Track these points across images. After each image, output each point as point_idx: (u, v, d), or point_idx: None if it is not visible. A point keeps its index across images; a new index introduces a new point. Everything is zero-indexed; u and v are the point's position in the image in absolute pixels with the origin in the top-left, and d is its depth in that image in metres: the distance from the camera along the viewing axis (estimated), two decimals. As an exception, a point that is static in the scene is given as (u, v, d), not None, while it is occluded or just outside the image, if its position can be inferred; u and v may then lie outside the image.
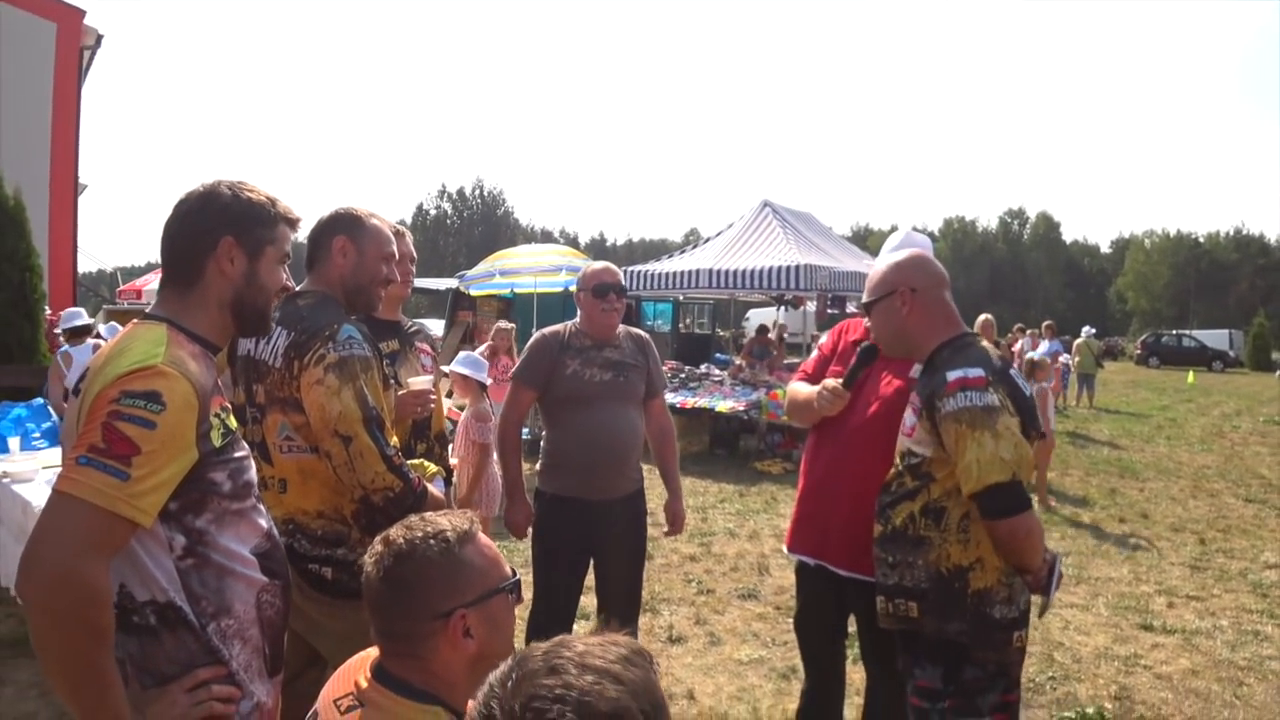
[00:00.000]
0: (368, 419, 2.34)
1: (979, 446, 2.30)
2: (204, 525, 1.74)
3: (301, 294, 2.56)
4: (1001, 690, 2.49)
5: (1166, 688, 4.64)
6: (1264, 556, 7.38)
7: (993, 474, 2.29)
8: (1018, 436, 2.33)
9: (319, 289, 2.61)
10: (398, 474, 2.40)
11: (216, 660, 1.76)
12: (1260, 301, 68.41)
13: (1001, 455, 2.29)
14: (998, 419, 2.32)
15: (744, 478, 10.03)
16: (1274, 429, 16.56)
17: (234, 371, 2.61)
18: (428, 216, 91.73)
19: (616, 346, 3.71)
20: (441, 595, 1.52)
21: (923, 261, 2.72)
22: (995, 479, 2.29)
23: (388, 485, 2.38)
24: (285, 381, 2.40)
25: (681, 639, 5.09)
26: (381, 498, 2.39)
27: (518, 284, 13.48)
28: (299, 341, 2.39)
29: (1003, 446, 2.29)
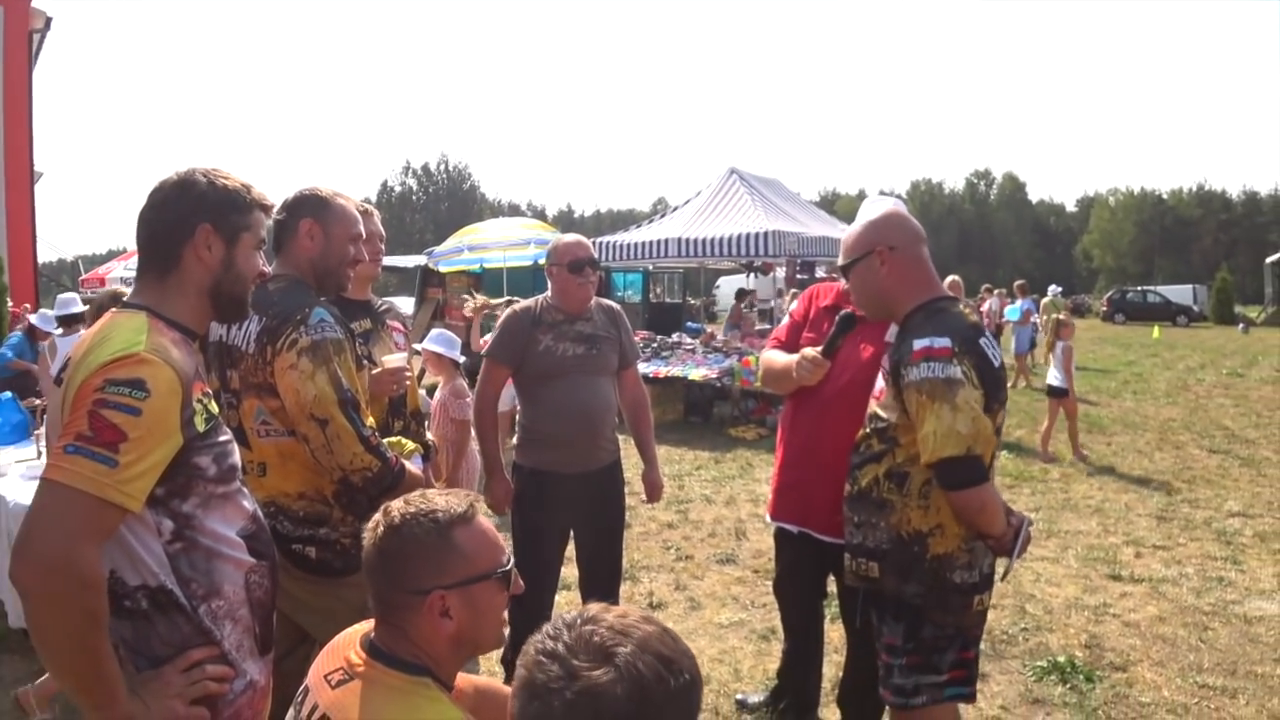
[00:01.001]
0: (343, 401, 2.36)
1: (937, 419, 2.31)
2: (191, 509, 1.77)
3: (271, 278, 2.55)
4: (959, 648, 2.55)
5: (1134, 635, 4.77)
6: (1227, 505, 7.56)
7: (948, 447, 2.30)
8: (976, 411, 2.33)
9: (288, 272, 2.62)
10: (375, 454, 2.43)
11: (209, 641, 1.79)
12: (1223, 256, 69.42)
13: (958, 429, 2.29)
14: (958, 392, 2.31)
15: (719, 444, 10.11)
16: (1237, 381, 16.87)
17: (207, 358, 2.60)
18: (393, 193, 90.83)
19: (588, 319, 3.72)
20: (422, 573, 1.56)
21: (900, 218, 2.68)
22: (950, 452, 2.30)
23: (366, 465, 2.41)
24: (259, 367, 2.42)
25: (662, 605, 5.16)
26: (360, 478, 2.42)
27: (486, 259, 13.45)
28: (270, 327, 2.40)
29: (960, 420, 2.30)
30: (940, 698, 2.53)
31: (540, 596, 3.82)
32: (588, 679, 1.13)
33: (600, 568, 3.85)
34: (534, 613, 3.77)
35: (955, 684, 2.54)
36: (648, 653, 1.16)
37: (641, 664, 1.14)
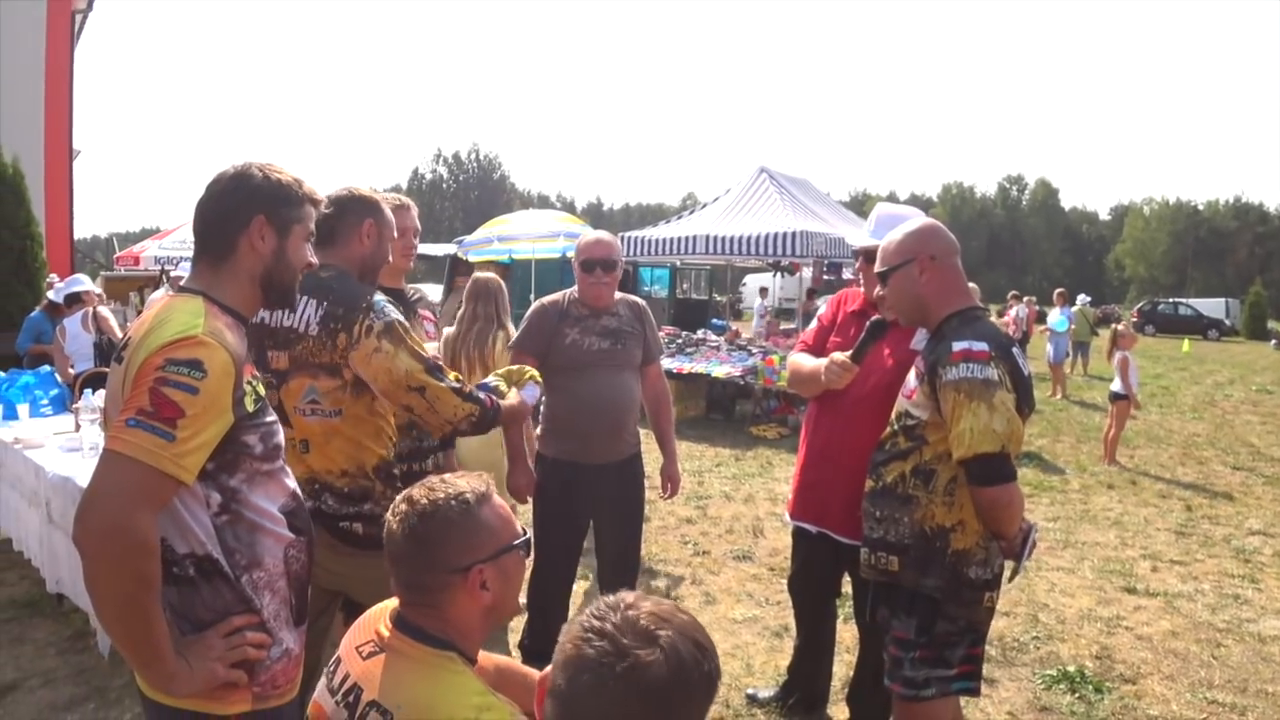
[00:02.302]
0: (429, 368, 2.56)
1: (974, 416, 2.41)
2: (237, 484, 1.87)
3: (320, 267, 2.62)
4: (969, 644, 2.64)
5: (1146, 648, 4.79)
6: (1248, 523, 7.54)
7: (984, 444, 2.40)
8: (1011, 412, 2.44)
9: (336, 264, 2.72)
10: (471, 400, 2.63)
11: (249, 609, 1.89)
12: (1258, 270, 68.49)
13: (994, 427, 2.40)
14: (995, 393, 2.42)
15: (740, 442, 10.16)
16: (1265, 398, 16.71)
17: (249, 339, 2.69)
18: (423, 181, 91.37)
19: (614, 315, 3.79)
20: (461, 551, 1.66)
21: (939, 230, 2.79)
22: (986, 449, 2.40)
23: (469, 413, 2.63)
24: (324, 349, 2.56)
25: (677, 599, 5.23)
26: (467, 424, 2.64)
27: (516, 250, 13.53)
28: (337, 314, 2.55)
29: (996, 419, 2.40)
30: (949, 691, 2.64)
31: (559, 585, 3.91)
32: (636, 656, 1.24)
33: (619, 559, 3.92)
34: (553, 600, 3.88)
35: (963, 678, 2.64)
36: (687, 639, 1.28)
37: (682, 647, 1.26)
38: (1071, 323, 16.45)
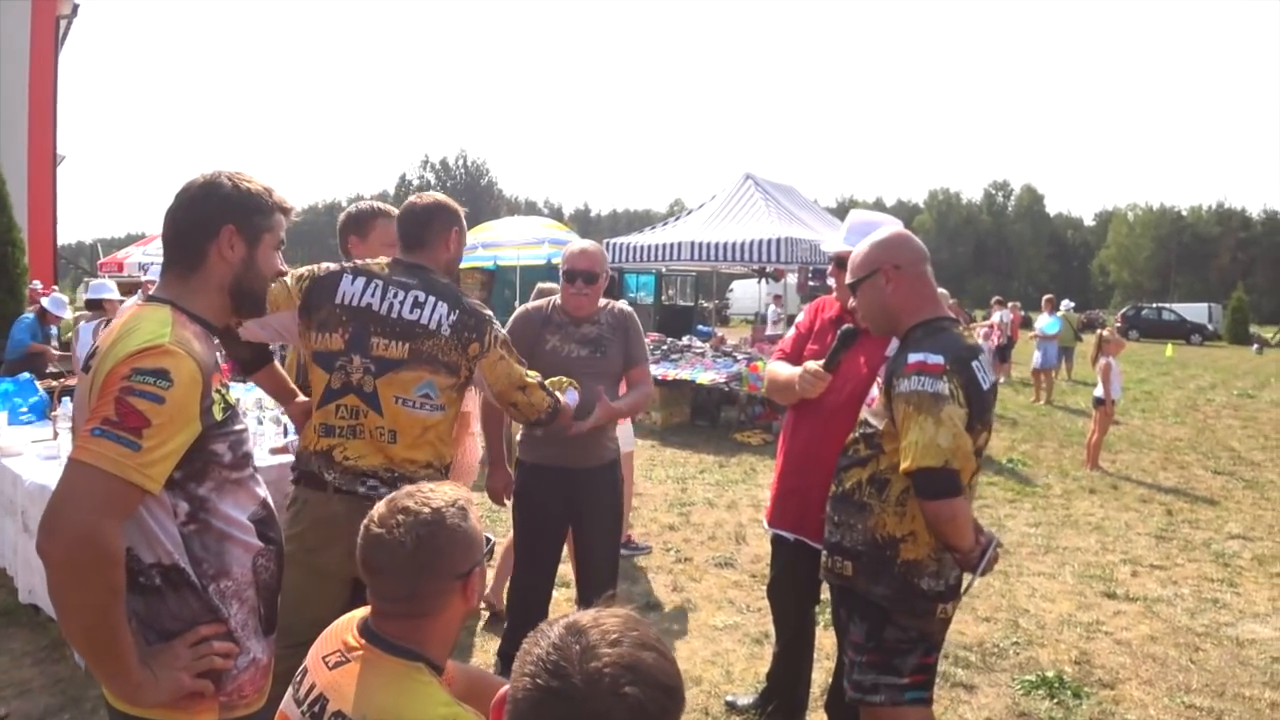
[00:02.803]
0: (528, 369, 3.01)
1: (920, 430, 2.40)
2: (206, 493, 1.86)
3: (424, 267, 2.87)
4: (921, 654, 2.63)
5: (1125, 653, 4.81)
6: (1228, 527, 7.59)
7: (927, 458, 2.38)
8: (958, 427, 2.42)
9: (430, 265, 2.89)
10: (549, 395, 3.07)
11: (217, 619, 1.88)
12: (1241, 275, 69.01)
13: (939, 442, 2.38)
14: (944, 407, 2.41)
15: (724, 449, 10.17)
16: (1247, 402, 16.83)
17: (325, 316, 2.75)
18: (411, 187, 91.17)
19: (595, 323, 3.80)
20: (463, 558, 1.71)
21: (906, 238, 2.78)
22: (928, 463, 2.39)
23: (549, 405, 3.06)
24: (453, 350, 2.77)
25: (658, 606, 5.23)
26: (547, 415, 3.06)
27: (501, 256, 13.54)
28: (470, 324, 2.80)
29: (942, 434, 2.39)
30: (900, 700, 2.61)
31: (539, 590, 3.91)
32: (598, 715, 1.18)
33: (598, 565, 3.91)
34: (533, 606, 3.88)
35: (916, 688, 2.63)
36: (653, 688, 1.21)
37: (648, 702, 1.20)
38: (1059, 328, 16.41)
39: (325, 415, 2.74)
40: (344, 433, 2.72)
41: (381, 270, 2.84)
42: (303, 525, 2.77)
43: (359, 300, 2.75)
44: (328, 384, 2.74)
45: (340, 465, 2.71)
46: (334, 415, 2.73)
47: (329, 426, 2.73)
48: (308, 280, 2.80)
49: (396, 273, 2.83)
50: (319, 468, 2.74)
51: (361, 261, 2.92)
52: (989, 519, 7.42)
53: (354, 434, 2.71)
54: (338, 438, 2.72)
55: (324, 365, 2.74)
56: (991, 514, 7.64)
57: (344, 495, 2.70)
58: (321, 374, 2.75)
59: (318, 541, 2.72)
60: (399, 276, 2.82)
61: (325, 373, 2.74)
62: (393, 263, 2.89)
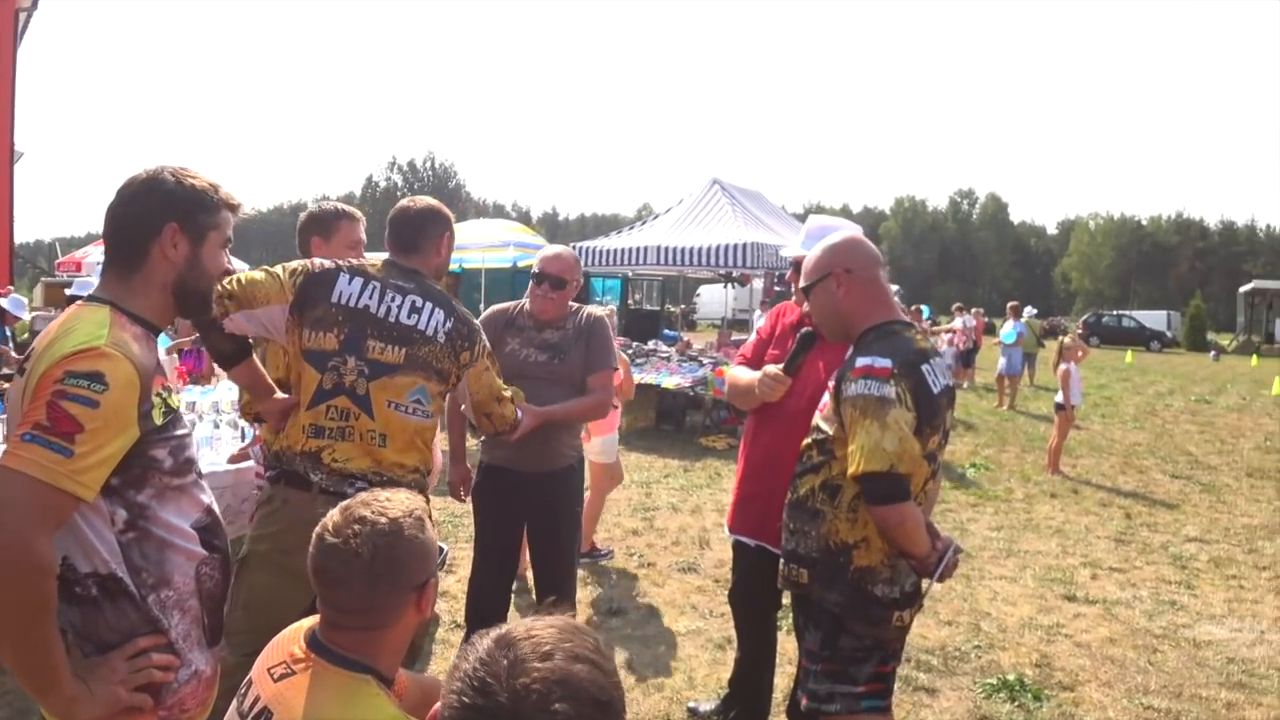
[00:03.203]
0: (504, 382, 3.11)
1: (866, 434, 2.38)
2: (145, 500, 1.80)
3: (419, 272, 2.88)
4: (877, 662, 2.59)
5: (1085, 655, 4.84)
6: (1185, 530, 7.68)
7: (873, 462, 2.36)
8: (905, 431, 2.39)
9: (424, 271, 2.91)
10: (516, 406, 3.18)
11: (156, 630, 1.82)
12: (1198, 283, 70.28)
13: (884, 446, 2.36)
14: (889, 411, 2.38)
15: (689, 453, 10.16)
16: (1204, 407, 17.10)
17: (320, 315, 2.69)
18: (378, 188, 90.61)
19: (559, 329, 3.78)
20: (420, 568, 1.65)
21: (857, 243, 2.77)
22: (874, 467, 2.36)
23: (515, 417, 3.17)
24: (445, 357, 2.80)
25: (621, 611, 5.19)
26: (512, 426, 3.16)
27: (466, 260, 13.44)
28: (463, 332, 2.83)
29: (888, 438, 2.36)
30: (856, 708, 2.58)
31: (495, 595, 3.88)
32: None
33: (554, 568, 3.89)
34: (489, 611, 3.83)
35: (872, 696, 2.59)
36: (584, 704, 1.14)
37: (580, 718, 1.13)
38: (1024, 336, 16.52)
39: (315, 416, 2.68)
40: (333, 434, 2.67)
41: (378, 272, 2.80)
42: (280, 525, 2.71)
43: (356, 301, 2.71)
44: (319, 384, 2.68)
45: (328, 467, 2.67)
46: (324, 416, 2.68)
47: (319, 427, 2.68)
48: (302, 275, 2.73)
49: (393, 275, 2.81)
50: (305, 468, 2.68)
51: (358, 261, 2.88)
52: (951, 523, 7.46)
53: (343, 436, 2.67)
54: (327, 439, 2.67)
55: (316, 364, 2.68)
56: (954, 518, 7.68)
57: (329, 496, 2.63)
58: (313, 373, 2.69)
59: (295, 543, 2.62)
60: (396, 280, 2.79)
61: (317, 372, 2.68)
62: (388, 265, 2.86)
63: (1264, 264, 76.19)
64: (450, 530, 6.45)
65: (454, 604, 5.02)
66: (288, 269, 2.75)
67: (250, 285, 2.65)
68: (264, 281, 2.67)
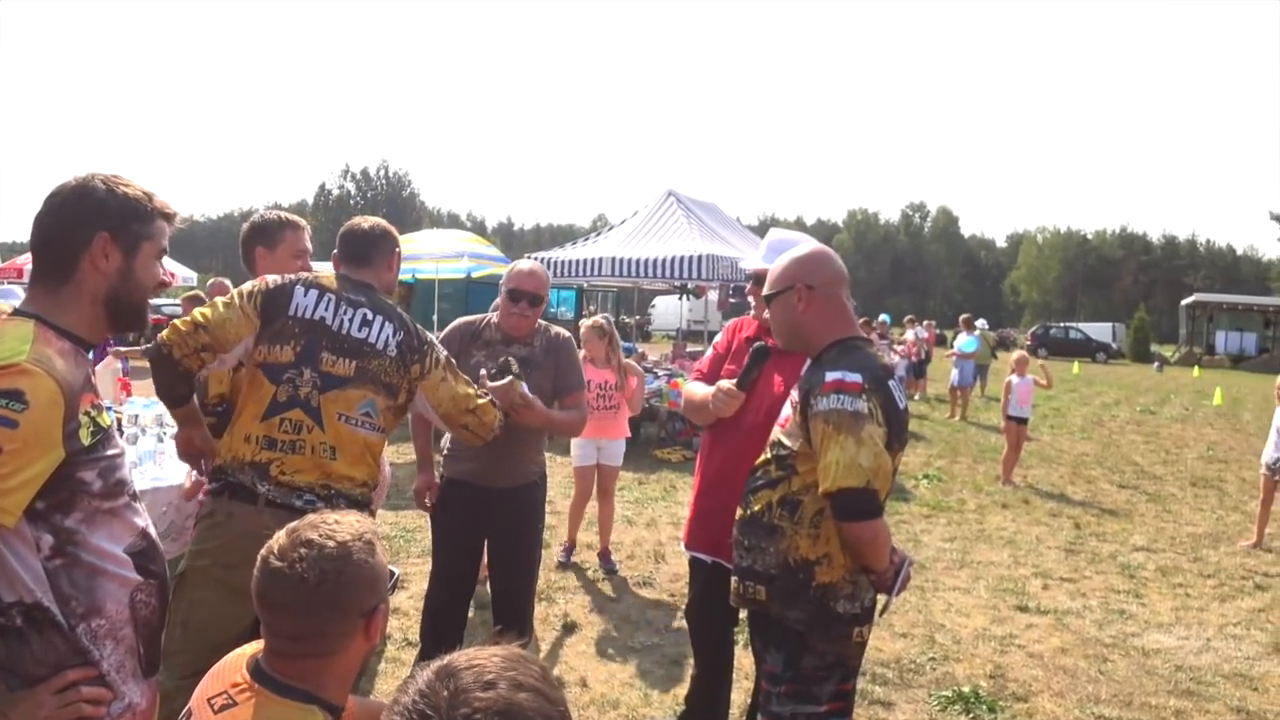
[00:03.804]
0: (476, 391, 3.01)
1: (840, 449, 2.34)
2: (74, 524, 1.71)
3: (371, 286, 2.89)
4: (839, 679, 2.57)
5: (1038, 666, 4.88)
6: (1133, 539, 7.81)
7: (849, 478, 2.33)
8: (879, 447, 2.38)
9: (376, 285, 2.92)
10: (497, 408, 3.08)
11: (86, 662, 1.73)
12: (1142, 296, 71.94)
13: (860, 462, 2.33)
14: (864, 426, 2.36)
15: (644, 465, 10.11)
16: (1149, 418, 17.46)
17: (279, 328, 2.69)
18: (330, 197, 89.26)
19: (527, 345, 3.76)
20: (368, 594, 1.59)
21: (824, 257, 2.74)
22: (850, 483, 2.33)
23: (498, 419, 3.08)
24: (397, 371, 2.79)
25: (576, 627, 5.13)
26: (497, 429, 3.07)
27: (419, 270, 13.28)
28: (413, 345, 2.83)
29: (863, 454, 2.33)
30: None
31: (451, 612, 3.81)
32: None
33: (512, 585, 3.83)
34: (444, 629, 3.76)
35: (835, 715, 2.56)
36: None
37: None
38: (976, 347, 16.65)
39: (269, 428, 2.67)
40: (285, 447, 2.65)
41: (333, 285, 2.80)
42: (222, 539, 2.65)
43: (313, 314, 2.72)
44: (274, 396, 2.66)
45: (275, 479, 2.64)
46: (277, 429, 2.66)
47: (271, 439, 2.66)
48: (260, 296, 2.73)
49: (347, 289, 2.81)
50: (251, 479, 2.64)
51: (312, 275, 2.89)
52: (905, 534, 7.50)
53: (295, 449, 2.66)
54: (279, 451, 2.65)
55: (271, 377, 2.68)
56: (908, 529, 7.72)
57: (276, 509, 2.61)
58: (269, 386, 2.67)
59: (238, 557, 2.55)
60: (349, 293, 2.80)
61: (272, 385, 2.67)
62: (341, 278, 2.86)
63: (1204, 277, 78.39)
64: (403, 545, 6.35)
65: (405, 621, 4.92)
66: (244, 294, 2.74)
67: (220, 328, 2.65)
68: (231, 319, 2.66)
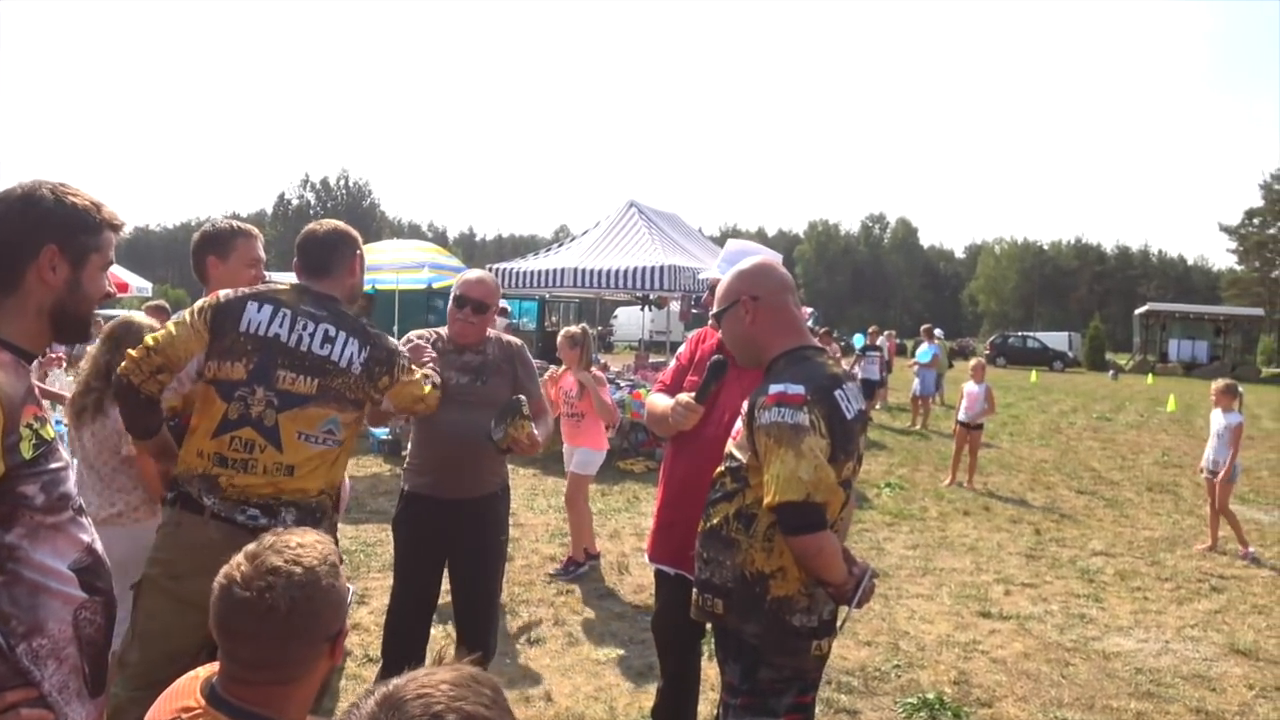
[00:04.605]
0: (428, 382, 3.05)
1: (781, 463, 2.32)
2: (15, 540, 1.65)
3: (332, 297, 2.82)
4: (797, 693, 2.54)
5: (1001, 671, 4.90)
6: (1092, 544, 7.89)
7: (789, 491, 2.31)
8: (820, 459, 2.35)
9: (337, 295, 2.85)
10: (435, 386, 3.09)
11: (27, 683, 1.66)
12: (1097, 305, 73.26)
13: (800, 475, 2.31)
14: (803, 439, 2.33)
15: (607, 476, 10.01)
16: (1105, 425, 17.72)
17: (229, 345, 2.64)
18: (290, 206, 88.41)
19: (479, 352, 3.74)
20: (335, 617, 1.56)
21: (766, 269, 2.74)
22: (790, 497, 2.31)
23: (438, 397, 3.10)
24: (362, 387, 2.75)
25: (540, 640, 5.07)
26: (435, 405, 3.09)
27: (379, 280, 13.15)
28: (381, 359, 2.79)
29: (803, 466, 2.31)
30: None
31: (412, 627, 3.76)
32: None
33: (474, 599, 3.78)
34: (407, 644, 3.70)
35: None
36: None
37: None
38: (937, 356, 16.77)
39: (219, 445, 2.62)
40: (236, 465, 2.60)
41: (288, 298, 2.72)
42: (171, 551, 2.62)
43: (266, 330, 2.65)
44: (224, 414, 2.61)
45: (223, 491, 2.59)
46: (228, 447, 2.61)
47: (222, 457, 2.61)
48: (210, 311, 2.68)
49: (305, 302, 2.73)
50: (199, 491, 2.60)
51: (266, 286, 2.84)
52: (868, 542, 7.53)
53: (246, 468, 2.60)
54: (229, 469, 2.60)
55: (223, 394, 2.63)
56: (870, 537, 7.74)
57: (220, 522, 2.57)
58: (220, 403, 2.62)
59: (186, 569, 2.55)
60: (307, 306, 2.72)
61: (223, 402, 2.62)
62: (298, 290, 2.79)
63: (1157, 286, 79.98)
64: (363, 560, 6.25)
65: (366, 637, 4.84)
66: (194, 312, 2.71)
67: (170, 347, 2.61)
68: (180, 337, 2.62)
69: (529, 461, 10.48)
